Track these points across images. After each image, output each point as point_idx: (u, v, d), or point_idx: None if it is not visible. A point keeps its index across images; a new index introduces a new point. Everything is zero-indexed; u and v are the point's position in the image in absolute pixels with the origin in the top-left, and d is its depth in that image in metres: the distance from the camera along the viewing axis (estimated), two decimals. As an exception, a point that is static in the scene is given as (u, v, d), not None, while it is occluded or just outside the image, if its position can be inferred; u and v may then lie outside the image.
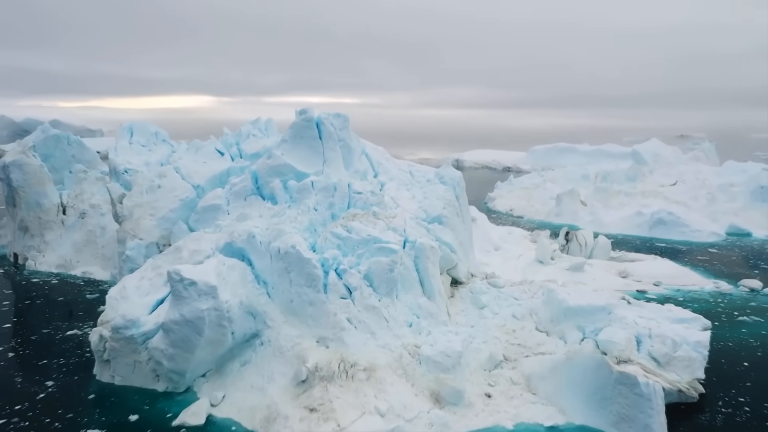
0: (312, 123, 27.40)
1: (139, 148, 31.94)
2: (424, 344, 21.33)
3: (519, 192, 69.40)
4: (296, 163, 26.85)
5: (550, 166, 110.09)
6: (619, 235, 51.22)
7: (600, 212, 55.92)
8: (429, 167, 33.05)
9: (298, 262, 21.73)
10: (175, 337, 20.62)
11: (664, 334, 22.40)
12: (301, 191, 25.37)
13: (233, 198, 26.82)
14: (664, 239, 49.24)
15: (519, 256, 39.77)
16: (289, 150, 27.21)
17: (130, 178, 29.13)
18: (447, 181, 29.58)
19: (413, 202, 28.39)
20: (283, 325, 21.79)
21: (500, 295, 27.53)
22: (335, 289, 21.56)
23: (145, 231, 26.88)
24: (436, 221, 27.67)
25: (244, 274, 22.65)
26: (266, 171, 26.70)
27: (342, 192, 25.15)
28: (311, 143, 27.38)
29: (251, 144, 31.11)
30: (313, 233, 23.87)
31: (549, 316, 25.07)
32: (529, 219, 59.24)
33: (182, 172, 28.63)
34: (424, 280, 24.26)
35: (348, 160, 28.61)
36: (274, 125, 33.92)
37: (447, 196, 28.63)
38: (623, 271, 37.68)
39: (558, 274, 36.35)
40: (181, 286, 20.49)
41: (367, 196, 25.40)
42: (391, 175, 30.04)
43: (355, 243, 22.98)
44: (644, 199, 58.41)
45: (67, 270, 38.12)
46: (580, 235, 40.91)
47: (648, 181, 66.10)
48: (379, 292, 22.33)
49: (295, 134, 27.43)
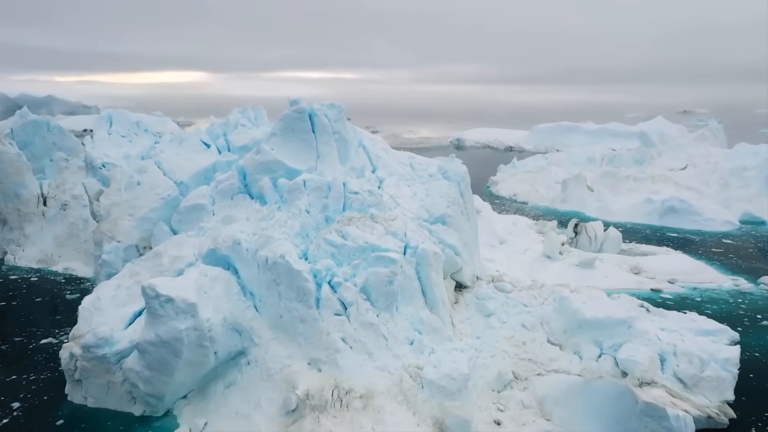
0: (304, 115, 25.11)
1: (119, 140, 29.64)
2: (426, 365, 19.31)
3: (522, 176, 67.09)
4: (287, 159, 24.62)
5: (553, 146, 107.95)
6: (628, 223, 49.10)
7: (608, 198, 53.74)
8: (431, 159, 30.79)
9: (288, 274, 19.63)
10: (150, 359, 18.60)
11: (690, 351, 20.41)
12: (292, 191, 23.17)
13: (219, 197, 24.62)
14: (676, 228, 47.12)
15: (525, 250, 37.70)
16: (279, 144, 24.96)
17: (108, 173, 26.93)
18: (451, 176, 27.36)
19: (414, 200, 26.21)
20: (271, 342, 19.76)
21: (508, 302, 25.50)
22: (329, 305, 19.49)
23: (123, 232, 24.75)
24: (439, 221, 25.53)
25: (228, 285, 20.57)
26: (254, 167, 24.48)
27: (337, 192, 22.96)
28: (303, 137, 25.12)
29: (239, 135, 28.79)
30: (305, 239, 21.75)
31: (562, 327, 23.06)
32: (534, 205, 57.05)
33: (164, 167, 26.40)
34: (427, 290, 22.21)
35: (344, 154, 26.37)
36: (265, 114, 31.55)
37: (451, 193, 26.45)
38: (635, 267, 35.64)
39: (567, 270, 34.37)
40: (156, 303, 18.42)
41: (364, 197, 23.22)
42: (391, 170, 27.81)
43: (350, 251, 20.86)
44: (653, 184, 56.16)
45: (49, 265, 36.06)
46: (589, 227, 38.80)
47: (657, 165, 63.85)
48: (378, 307, 20.28)
49: (286, 127, 25.16)
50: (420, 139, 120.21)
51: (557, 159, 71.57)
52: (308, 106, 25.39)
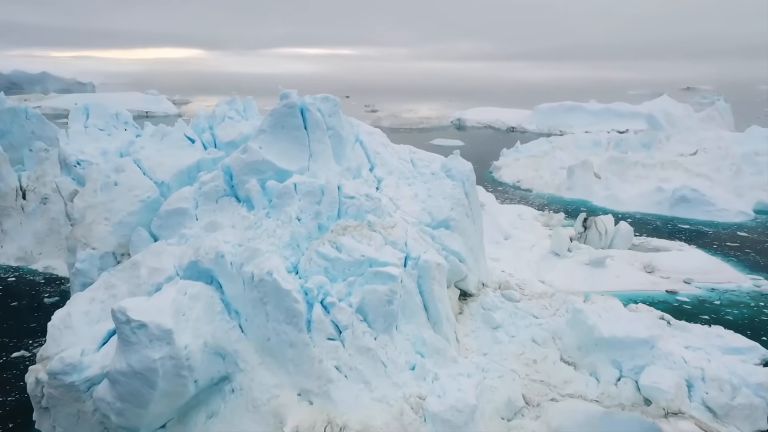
0: (295, 110, 22.88)
1: (96, 134, 27.36)
2: (430, 395, 17.41)
3: (526, 160, 64.89)
4: (276, 159, 22.45)
5: (556, 126, 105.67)
6: (638, 213, 47.11)
7: (616, 186, 51.66)
8: (433, 155, 28.65)
9: (276, 293, 17.64)
10: (122, 390, 16.67)
11: (720, 376, 18.54)
12: (281, 196, 21.07)
13: (203, 200, 22.50)
14: (688, 219, 45.12)
15: (532, 246, 35.72)
16: (268, 142, 22.78)
17: (83, 172, 24.75)
18: (455, 175, 25.24)
19: (416, 202, 24.12)
20: (258, 368, 17.83)
21: (516, 312, 23.60)
22: (321, 328, 17.52)
23: (98, 238, 22.67)
24: (443, 226, 23.48)
25: (210, 303, 18.57)
26: (241, 168, 22.33)
27: (331, 197, 20.87)
28: (294, 134, 22.93)
29: (226, 130, 26.53)
30: (295, 250, 19.71)
31: (576, 343, 21.17)
32: (539, 193, 54.94)
33: (144, 166, 24.20)
34: (429, 305, 20.26)
35: (339, 152, 24.22)
36: (255, 105, 29.20)
37: (455, 194, 24.35)
38: (648, 265, 33.71)
39: (576, 269, 32.48)
40: (127, 329, 16.43)
41: (361, 202, 21.13)
42: (390, 168, 25.67)
43: (345, 265, 18.84)
44: (663, 171, 54.05)
45: (28, 263, 34.15)
46: (599, 221, 36.77)
47: (666, 150, 61.60)
48: (375, 328, 18.32)
49: (276, 123, 22.95)
50: (420, 119, 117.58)
51: (562, 143, 69.29)
52: (299, 99, 23.15)
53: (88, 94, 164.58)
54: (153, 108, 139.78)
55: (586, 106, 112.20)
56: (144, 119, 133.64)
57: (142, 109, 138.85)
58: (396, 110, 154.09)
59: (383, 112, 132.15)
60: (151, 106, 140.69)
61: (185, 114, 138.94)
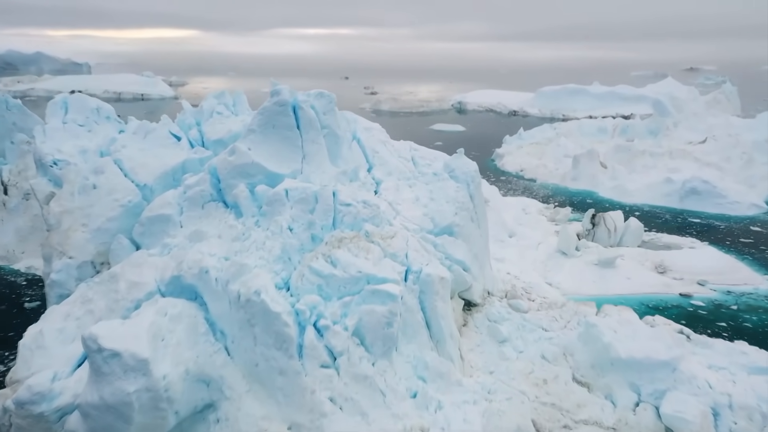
0: (287, 108, 21.16)
1: (76, 130, 25.58)
2: (433, 427, 15.93)
3: (529, 148, 63.10)
4: (267, 161, 20.78)
5: (559, 110, 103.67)
6: (646, 206, 45.47)
7: (623, 177, 49.95)
8: (435, 153, 26.98)
9: (264, 315, 16.07)
10: (95, 425, 15.18)
11: (748, 404, 17.05)
12: (272, 203, 19.44)
13: (188, 205, 20.86)
14: (698, 213, 43.47)
15: (538, 244, 34.12)
16: (257, 143, 21.08)
17: (60, 173, 23.08)
18: (458, 176, 23.56)
19: (417, 206, 22.47)
20: (245, 396, 16.32)
21: (524, 325, 22.09)
22: (314, 354, 15.98)
23: (76, 246, 21.06)
24: (446, 232, 21.86)
25: (194, 324, 17.03)
26: (228, 171, 20.67)
27: (325, 204, 19.22)
28: (286, 134, 21.23)
29: (215, 126, 24.78)
30: (286, 264, 18.11)
31: (589, 361, 19.68)
32: (543, 183, 53.19)
33: (125, 167, 22.52)
34: (432, 322, 18.73)
35: (335, 152, 22.55)
36: (245, 100, 27.40)
37: (459, 197, 22.71)
38: (660, 265, 32.15)
39: (585, 270, 30.92)
40: (99, 359, 14.90)
41: (358, 209, 19.48)
42: (389, 168, 24.00)
43: (341, 282, 17.25)
44: (672, 160, 52.26)
45: (10, 263, 32.55)
46: (608, 218, 35.13)
47: (674, 137, 59.77)
48: (373, 353, 16.77)
49: (266, 122, 21.24)
50: (420, 103, 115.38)
51: (566, 129, 67.37)
52: (292, 96, 21.40)
53: (83, 76, 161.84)
54: (149, 90, 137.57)
55: (590, 89, 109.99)
56: (140, 102, 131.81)
57: (137, 91, 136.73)
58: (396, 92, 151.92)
59: (383, 95, 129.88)
60: (147, 89, 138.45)
61: (181, 96, 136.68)
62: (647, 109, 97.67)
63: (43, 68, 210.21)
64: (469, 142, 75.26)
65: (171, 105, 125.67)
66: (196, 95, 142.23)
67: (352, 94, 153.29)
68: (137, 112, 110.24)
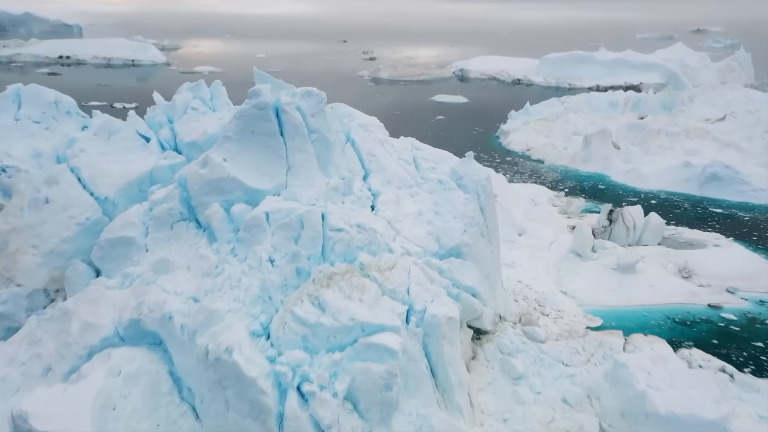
0: (268, 112, 18.05)
1: (30, 128, 22.41)
2: None
3: (536, 124, 59.77)
4: (245, 175, 17.78)
5: (565, 78, 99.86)
6: (662, 193, 42.48)
7: (637, 159, 46.84)
8: (440, 152, 23.93)
9: (237, 379, 13.33)
10: None
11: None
12: (250, 229, 16.53)
13: (154, 226, 17.93)
14: (719, 201, 40.53)
15: (550, 243, 31.30)
16: (234, 153, 18.04)
17: (10, 181, 20.10)
18: (467, 185, 20.56)
19: (420, 222, 19.52)
20: (216, 472, 13.70)
21: (542, 358, 19.41)
22: (297, 427, 13.25)
23: (25, 272, 18.20)
24: (453, 254, 18.99)
25: (155, 383, 14.33)
26: (200, 187, 17.69)
27: (313, 230, 16.31)
28: (268, 142, 18.18)
29: (189, 125, 21.62)
30: (266, 305, 15.29)
31: (619, 408, 17.04)
32: (551, 165, 49.98)
33: (84, 175, 19.50)
34: (438, 369, 16.05)
35: (325, 159, 19.52)
36: (225, 92, 24.13)
37: (468, 211, 19.76)
38: (684, 268, 29.39)
39: (603, 276, 28.16)
40: (34, 442, 12.20)
41: (352, 235, 16.58)
42: (388, 175, 20.98)
43: (330, 332, 14.45)
44: (689, 140, 49.07)
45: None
46: (627, 214, 32.19)
47: (690, 113, 56.55)
48: (369, 419, 14.06)
49: (244, 128, 18.16)
50: (420, 71, 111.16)
51: (574, 103, 63.95)
52: (274, 98, 18.27)
53: (72, 40, 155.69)
54: (139, 56, 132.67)
55: (596, 56, 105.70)
56: (130, 68, 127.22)
57: (128, 57, 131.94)
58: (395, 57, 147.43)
59: (382, 62, 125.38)
60: (138, 54, 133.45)
61: (173, 63, 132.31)
62: (657, 77, 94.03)
63: (33, 30, 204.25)
64: (472, 116, 71.89)
65: (163, 72, 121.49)
66: (189, 61, 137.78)
67: (350, 60, 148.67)
68: (128, 79, 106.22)
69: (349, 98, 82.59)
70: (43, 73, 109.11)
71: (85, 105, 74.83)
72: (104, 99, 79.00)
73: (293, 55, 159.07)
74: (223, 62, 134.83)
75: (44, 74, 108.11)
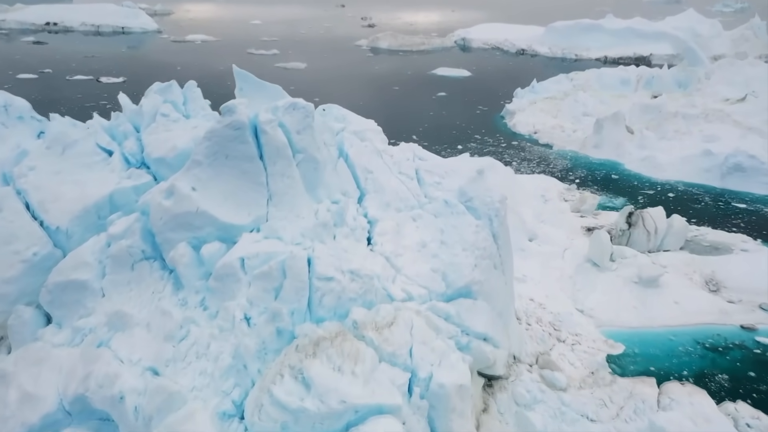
0: (244, 132, 15.18)
1: (-24, 139, 19.65)
2: None
3: (543, 104, 56.57)
4: (218, 208, 15.00)
5: (571, 48, 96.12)
6: (680, 184, 39.65)
7: (652, 145, 43.87)
8: (447, 162, 21.02)
9: (200, 487, 10.80)
10: None
11: None
12: (222, 278, 13.86)
13: (112, 265, 15.25)
14: (743, 195, 37.72)
15: (564, 250, 28.64)
16: (205, 181, 15.23)
17: (-52, 207, 17.35)
18: (478, 208, 17.77)
19: (424, 256, 16.76)
20: None
21: (564, 411, 16.90)
22: None
23: (-37, 319, 15.67)
24: (463, 294, 16.33)
25: (104, 479, 11.81)
26: (165, 222, 14.94)
27: (297, 280, 13.64)
28: (245, 167, 15.36)
29: (158, 135, 18.65)
30: (240, 377, 12.71)
31: (655, 480, 14.60)
32: (560, 151, 46.90)
33: (32, 200, 16.74)
34: (446, 446, 13.52)
35: (314, 182, 16.72)
36: (200, 94, 20.99)
37: (479, 241, 17.03)
38: (711, 279, 26.82)
39: (623, 291, 25.59)
40: None
41: (344, 284, 13.93)
42: (387, 196, 18.15)
43: (315, 419, 11.88)
44: (708, 124, 46.02)
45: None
46: (647, 217, 29.43)
47: (707, 92, 53.35)
48: None
49: (217, 151, 15.31)
50: (420, 40, 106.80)
51: (584, 80, 60.63)
52: (251, 115, 15.36)
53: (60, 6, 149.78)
54: (130, 23, 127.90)
55: (604, 24, 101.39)
56: (120, 36, 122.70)
57: (117, 24, 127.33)
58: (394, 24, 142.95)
59: (381, 30, 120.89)
60: (128, 21, 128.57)
61: (165, 31, 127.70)
62: (668, 48, 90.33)
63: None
64: (475, 92, 68.49)
65: (154, 40, 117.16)
66: (182, 28, 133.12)
67: (348, 27, 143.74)
68: (117, 48, 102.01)
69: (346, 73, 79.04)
70: (28, 42, 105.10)
71: (69, 79, 71.66)
72: (91, 72, 75.37)
73: (289, 22, 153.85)
74: (217, 29, 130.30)
75: (29, 43, 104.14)
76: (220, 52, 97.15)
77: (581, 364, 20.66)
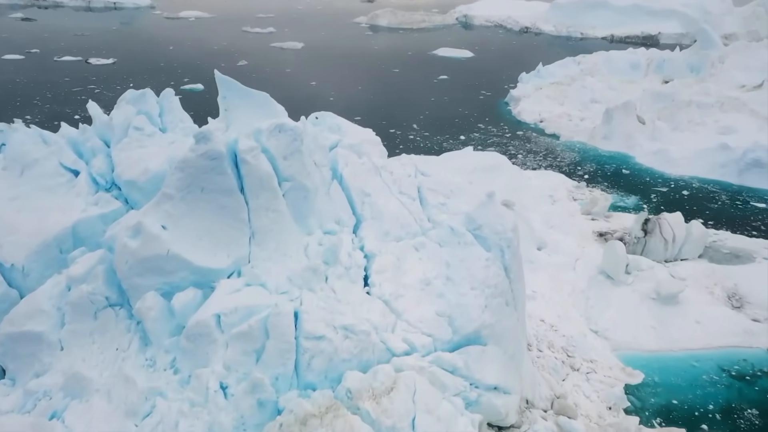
0: (222, 162, 13.15)
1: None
2: None
3: (549, 90, 54.28)
4: (192, 250, 13.05)
5: (576, 27, 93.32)
6: (695, 180, 37.67)
7: (665, 137, 41.76)
8: (453, 181, 18.94)
9: None
10: None
11: None
12: (194, 338, 11.97)
13: (72, 314, 13.36)
14: (763, 192, 35.76)
15: (575, 261, 26.76)
16: (177, 218, 13.24)
17: None
18: (488, 238, 15.79)
19: (427, 296, 14.85)
20: None
21: (583, 467, 15.16)
22: None
23: None
24: (471, 341, 14.47)
25: None
26: (131, 266, 13.00)
27: (282, 341, 11.76)
28: (223, 201, 13.38)
29: (130, 154, 16.57)
30: (214, 462, 10.87)
31: None
32: (567, 142, 44.69)
33: (-15, 233, 14.88)
34: None
35: (304, 212, 14.74)
36: (178, 104, 18.79)
37: (490, 277, 15.10)
38: (734, 294, 24.99)
39: (640, 307, 23.81)
40: None
41: (336, 344, 12.06)
42: (386, 224, 16.17)
43: None
44: (723, 113, 43.85)
45: None
46: (665, 224, 27.45)
47: (722, 78, 51.05)
48: None
49: (191, 183, 13.29)
50: (422, 17, 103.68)
51: (591, 64, 58.22)
52: (229, 141, 13.33)
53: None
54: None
55: (611, 0, 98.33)
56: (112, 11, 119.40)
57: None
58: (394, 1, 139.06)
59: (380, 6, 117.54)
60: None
61: (158, 6, 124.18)
62: (676, 27, 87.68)
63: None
64: (479, 75, 66.05)
65: (146, 17, 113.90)
66: (176, 3, 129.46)
67: (346, 2, 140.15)
68: (108, 26, 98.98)
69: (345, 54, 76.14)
70: (16, 18, 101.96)
71: (57, 60, 69.06)
72: (80, 53, 72.72)
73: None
74: (211, 5, 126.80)
75: (18, 19, 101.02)
76: (215, 30, 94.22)
77: (597, 397, 19.04)
